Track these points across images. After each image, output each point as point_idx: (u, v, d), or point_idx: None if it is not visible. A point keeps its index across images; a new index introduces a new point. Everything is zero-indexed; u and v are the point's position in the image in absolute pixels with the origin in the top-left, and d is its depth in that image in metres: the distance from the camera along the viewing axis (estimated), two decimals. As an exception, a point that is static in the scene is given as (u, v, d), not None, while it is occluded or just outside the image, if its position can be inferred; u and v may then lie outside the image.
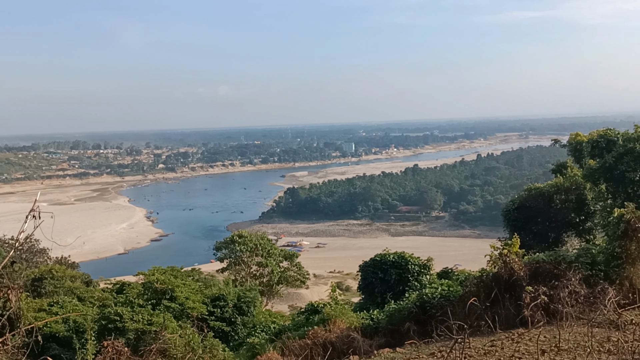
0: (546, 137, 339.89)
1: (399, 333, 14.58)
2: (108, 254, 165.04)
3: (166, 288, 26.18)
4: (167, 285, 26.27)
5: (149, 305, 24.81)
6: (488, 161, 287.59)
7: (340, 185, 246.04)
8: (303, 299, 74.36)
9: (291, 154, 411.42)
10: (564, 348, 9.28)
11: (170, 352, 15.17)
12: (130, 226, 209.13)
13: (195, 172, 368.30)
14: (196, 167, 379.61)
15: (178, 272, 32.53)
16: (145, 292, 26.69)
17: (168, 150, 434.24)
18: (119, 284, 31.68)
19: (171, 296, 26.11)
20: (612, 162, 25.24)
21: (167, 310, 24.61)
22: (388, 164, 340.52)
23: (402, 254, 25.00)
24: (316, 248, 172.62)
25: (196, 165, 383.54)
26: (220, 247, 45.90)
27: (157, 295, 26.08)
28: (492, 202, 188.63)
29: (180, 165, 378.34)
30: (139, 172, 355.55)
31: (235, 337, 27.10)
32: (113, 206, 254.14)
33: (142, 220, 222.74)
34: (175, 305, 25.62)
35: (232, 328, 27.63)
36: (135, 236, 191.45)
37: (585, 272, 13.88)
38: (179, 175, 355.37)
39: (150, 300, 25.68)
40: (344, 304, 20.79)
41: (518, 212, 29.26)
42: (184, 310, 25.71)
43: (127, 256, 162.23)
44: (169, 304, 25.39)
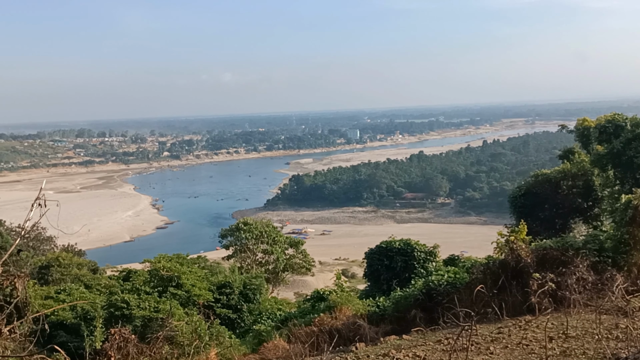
0: (553, 123, 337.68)
1: (405, 320, 14.58)
2: (114, 241, 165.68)
3: (172, 275, 26.17)
4: (173, 273, 26.25)
5: (155, 292, 24.79)
6: (494, 147, 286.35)
7: (345, 172, 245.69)
8: (309, 286, 74.50)
9: (296, 141, 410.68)
10: (571, 335, 9.24)
11: (176, 339, 15.21)
12: (136, 214, 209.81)
13: (200, 159, 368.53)
14: (201, 154, 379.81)
15: (184, 260, 32.50)
16: (152, 279, 26.70)
17: (173, 138, 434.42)
18: (125, 271, 31.73)
19: (177, 283, 26.11)
20: (620, 148, 25.09)
21: (174, 297, 24.61)
22: (393, 151, 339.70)
23: (407, 241, 24.96)
24: (321, 235, 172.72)
25: (201, 152, 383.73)
26: (225, 234, 45.92)
27: (164, 282, 26.08)
28: (498, 188, 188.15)
29: (185, 152, 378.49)
30: (144, 160, 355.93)
31: (241, 324, 27.18)
32: (119, 194, 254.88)
33: (148, 208, 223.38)
34: (181, 293, 25.64)
35: (238, 315, 27.70)
36: (141, 224, 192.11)
37: (593, 259, 13.81)
38: (183, 163, 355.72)
39: (156, 288, 25.67)
40: (349, 291, 20.80)
41: (524, 198, 29.17)
42: (190, 297, 25.72)
43: (133, 244, 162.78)
44: (175, 292, 25.39)
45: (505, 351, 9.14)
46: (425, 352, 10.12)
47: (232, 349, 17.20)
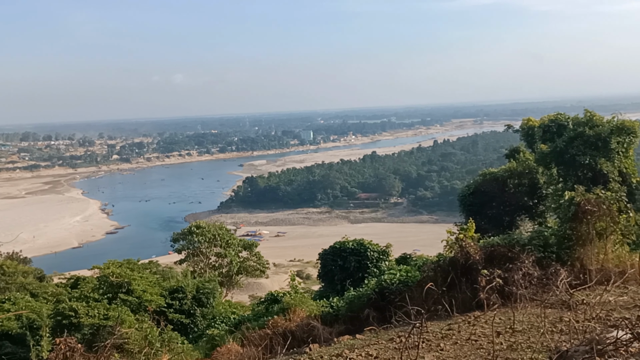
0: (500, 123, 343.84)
1: (359, 320, 14.66)
2: (62, 248, 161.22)
3: (122, 281, 25.73)
4: (124, 279, 25.82)
5: (105, 299, 24.37)
6: (444, 147, 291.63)
7: (299, 173, 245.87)
8: (263, 288, 74.16)
9: (249, 142, 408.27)
10: (518, 329, 9.47)
11: (126, 346, 14.90)
12: (84, 219, 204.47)
13: (151, 162, 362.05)
14: (152, 157, 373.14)
15: (135, 265, 32.04)
16: (101, 286, 26.18)
17: (122, 141, 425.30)
18: (73, 278, 31.02)
19: (128, 289, 25.69)
20: (562, 147, 25.84)
21: (124, 304, 24.21)
22: (346, 152, 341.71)
23: (361, 241, 25.16)
24: (276, 237, 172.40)
25: (152, 155, 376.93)
26: (177, 238, 45.30)
27: (113, 289, 25.62)
28: (449, 187, 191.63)
29: (136, 155, 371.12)
30: (93, 163, 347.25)
31: (194, 329, 26.90)
32: (66, 199, 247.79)
33: (97, 213, 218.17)
34: (132, 299, 25.23)
35: (191, 320, 27.42)
36: (89, 229, 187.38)
37: (538, 255, 14.19)
38: (134, 166, 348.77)
39: (106, 295, 25.21)
40: (303, 293, 20.78)
41: (473, 197, 29.72)
42: (141, 303, 25.34)
43: (82, 250, 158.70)
44: (125, 298, 24.98)
45: (455, 347, 9.30)
46: (377, 350, 10.20)
47: (184, 354, 16.97)
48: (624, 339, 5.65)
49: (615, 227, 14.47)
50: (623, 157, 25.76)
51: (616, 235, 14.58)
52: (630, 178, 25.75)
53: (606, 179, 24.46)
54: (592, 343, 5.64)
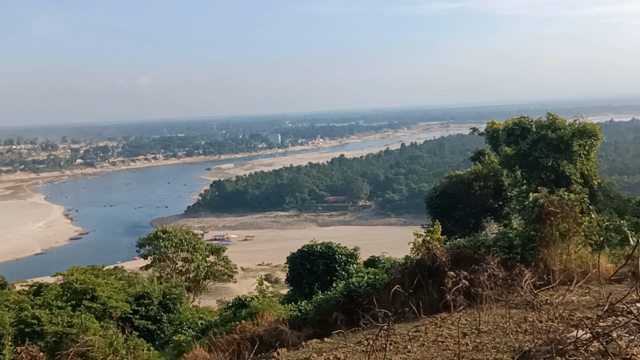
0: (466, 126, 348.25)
1: (327, 323, 14.63)
2: (24, 254, 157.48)
3: (87, 288, 25.28)
4: (88, 285, 25.37)
5: (68, 306, 23.92)
6: (412, 150, 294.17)
7: (267, 177, 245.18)
8: (231, 293, 73.59)
9: (216, 146, 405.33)
10: (483, 330, 9.56)
11: (91, 354, 14.58)
12: (47, 225, 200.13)
13: (116, 166, 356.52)
14: (117, 161, 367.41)
15: (99, 271, 31.51)
16: (65, 293, 25.68)
17: (86, 145, 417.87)
18: (36, 285, 30.38)
19: (92, 296, 25.26)
20: (526, 149, 26.33)
21: (88, 310, 23.76)
22: (315, 155, 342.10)
23: (329, 244, 25.17)
24: (244, 241, 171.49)
25: (117, 159, 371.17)
26: (143, 243, 44.64)
27: (78, 295, 25.16)
28: (417, 190, 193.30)
29: (100, 160, 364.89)
30: (56, 168, 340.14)
31: (161, 336, 26.57)
32: (28, 204, 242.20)
33: (60, 218, 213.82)
34: (96, 306, 24.79)
35: (157, 326, 27.07)
36: (53, 235, 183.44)
37: (503, 256, 14.39)
38: (98, 171, 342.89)
39: (70, 302, 24.75)
40: (272, 297, 20.69)
41: (440, 199, 30.03)
42: (106, 310, 24.91)
43: (45, 256, 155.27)
44: (90, 305, 24.54)
45: (422, 349, 9.34)
46: (345, 353, 10.19)
47: (150, 361, 16.71)
48: (584, 338, 5.75)
49: (578, 228, 14.75)
50: (585, 159, 26.35)
51: (579, 236, 14.85)
52: (592, 180, 26.36)
53: (569, 181, 24.99)
54: (553, 343, 5.72)
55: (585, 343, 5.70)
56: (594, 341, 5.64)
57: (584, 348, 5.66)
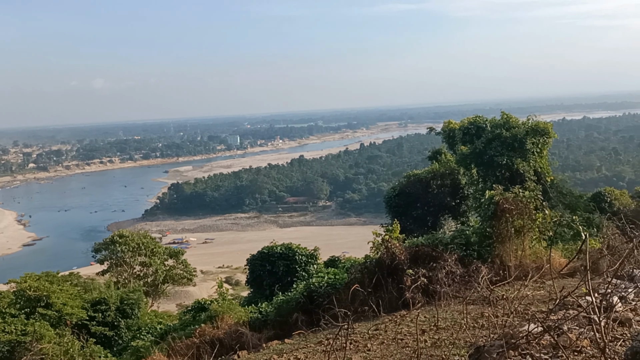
0: (423, 126, 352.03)
1: (288, 324, 14.59)
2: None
3: (41, 295, 24.62)
4: (42, 292, 24.71)
5: (22, 314, 23.26)
6: (371, 150, 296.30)
7: (226, 178, 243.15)
8: (191, 296, 72.67)
9: (174, 148, 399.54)
10: (442, 326, 9.68)
11: (45, 363, 14.19)
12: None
13: (70, 170, 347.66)
14: (71, 165, 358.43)
15: (54, 278, 30.63)
16: (18, 300, 24.94)
17: (39, 149, 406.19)
18: (-13, 294, 29.26)
19: (47, 303, 24.62)
20: (481, 148, 26.80)
21: (43, 318, 23.14)
22: (274, 156, 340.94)
23: (289, 245, 25.13)
24: (204, 244, 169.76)
25: (71, 163, 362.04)
26: (99, 248, 43.73)
27: (31, 303, 24.49)
28: (376, 189, 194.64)
29: (53, 163, 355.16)
30: (7, 172, 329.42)
31: (119, 342, 26.06)
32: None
33: (12, 224, 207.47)
34: (51, 313, 24.16)
35: (115, 332, 26.53)
36: (5, 241, 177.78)
37: (461, 253, 14.63)
38: (52, 175, 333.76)
39: (23, 309, 24.06)
40: (232, 299, 20.52)
41: (399, 198, 30.30)
42: (61, 317, 24.30)
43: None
44: (44, 312, 23.91)
45: (381, 347, 9.40)
46: (306, 354, 10.18)
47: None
48: (536, 332, 5.87)
49: (532, 225, 15.10)
50: (538, 157, 27.00)
51: (533, 232, 15.21)
52: (545, 177, 27.03)
53: (523, 179, 25.56)
54: (506, 337, 5.82)
55: (536, 336, 5.82)
56: (546, 334, 5.76)
57: (535, 341, 5.78)
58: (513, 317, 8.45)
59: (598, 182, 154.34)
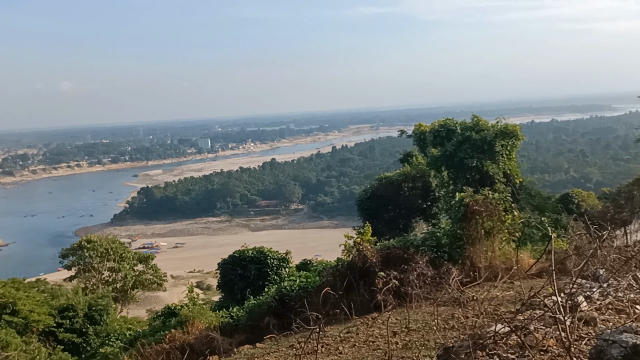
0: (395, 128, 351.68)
1: (259, 328, 14.51)
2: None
3: (6, 302, 24.09)
4: (8, 299, 24.18)
5: (-14, 322, 22.67)
6: (343, 153, 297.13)
7: (197, 182, 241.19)
8: (162, 302, 71.75)
9: (144, 152, 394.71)
10: (413, 328, 9.71)
11: (9, 372, 13.84)
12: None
13: (36, 175, 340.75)
14: (37, 169, 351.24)
15: (20, 284, 30.02)
16: (-18, 308, 24.31)
17: (4, 153, 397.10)
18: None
19: (13, 310, 24.11)
20: (452, 150, 27.08)
21: (9, 325, 22.68)
22: (246, 159, 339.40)
23: (261, 249, 25.02)
24: (174, 248, 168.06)
25: (37, 167, 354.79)
26: (67, 254, 42.94)
27: (-4, 310, 23.89)
28: (348, 192, 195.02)
29: (19, 168, 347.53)
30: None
31: (87, 348, 25.66)
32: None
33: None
34: (17, 320, 23.68)
35: (83, 339, 26.11)
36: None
37: (432, 255, 14.73)
38: (18, 180, 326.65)
39: (-12, 317, 23.46)
40: (202, 304, 20.29)
41: (370, 201, 30.43)
42: (28, 324, 23.82)
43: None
44: (10, 319, 23.41)
45: (353, 350, 9.39)
46: (277, 358, 10.13)
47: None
48: (503, 332, 5.93)
49: (502, 226, 15.30)
50: (507, 159, 27.39)
51: (503, 233, 15.41)
52: (514, 179, 27.42)
53: (492, 181, 25.90)
54: (474, 338, 5.86)
55: (504, 336, 5.87)
56: (513, 334, 5.82)
57: (503, 341, 5.84)
58: (482, 318, 8.54)
59: (566, 183, 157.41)
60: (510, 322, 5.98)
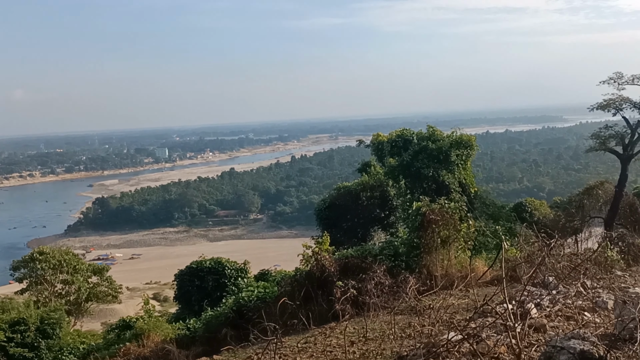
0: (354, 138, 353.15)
1: (217, 340, 14.36)
2: None
3: (-48, 317, 23.17)
4: (-46, 314, 23.26)
5: None
6: (302, 162, 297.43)
7: (154, 192, 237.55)
8: (117, 314, 70.14)
9: (99, 161, 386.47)
10: (370, 337, 9.76)
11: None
12: None
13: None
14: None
15: (-33, 299, 28.96)
16: None
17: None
18: None
19: (-41, 326, 23.18)
20: (409, 160, 27.43)
21: (-45, 341, 21.78)
22: (204, 169, 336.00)
23: (219, 259, 24.81)
24: (131, 259, 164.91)
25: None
26: (18, 266, 41.57)
27: (-58, 326, 22.97)
28: (307, 201, 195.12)
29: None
30: None
31: (39, 364, 24.81)
32: None
33: None
34: (-36, 336, 22.77)
35: (35, 354, 25.26)
36: None
37: (389, 264, 14.87)
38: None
39: None
40: (159, 316, 20.00)
41: (329, 210, 30.52)
42: (-25, 340, 22.94)
43: None
44: (-44, 335, 22.49)
45: (311, 360, 9.38)
46: (234, 370, 10.03)
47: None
48: (456, 340, 6.04)
49: (458, 235, 15.55)
50: (462, 169, 27.91)
51: (458, 242, 15.67)
52: (469, 188, 27.96)
53: (448, 190, 26.33)
54: (428, 346, 5.95)
55: (456, 344, 5.98)
56: (465, 342, 5.93)
57: (455, 349, 5.94)
58: (438, 326, 8.65)
59: (520, 192, 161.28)
60: (462, 330, 6.08)
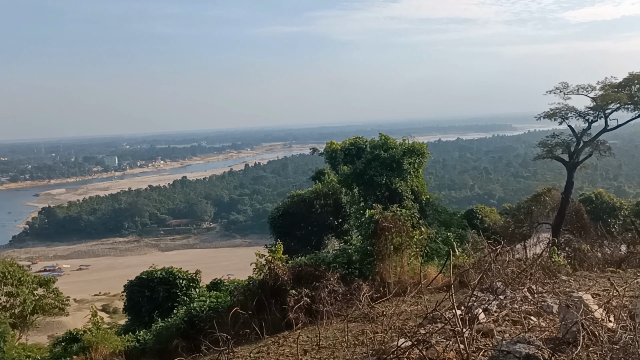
0: (308, 146, 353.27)
1: (168, 352, 14.10)
2: None
3: None
4: None
5: None
6: (256, 170, 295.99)
7: (103, 201, 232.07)
8: (64, 327, 67.97)
9: (45, 170, 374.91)
10: (323, 345, 9.74)
11: None
12: None
13: None
14: None
15: None
16: None
17: None
18: None
19: None
20: (362, 168, 27.66)
21: None
22: (155, 177, 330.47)
23: (170, 269, 24.42)
24: (78, 270, 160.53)
25: None
26: (-42, 279, 39.91)
27: None
28: (261, 210, 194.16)
29: None
30: None
31: (-19, 380, 23.89)
32: None
33: None
34: None
35: (-24, 370, 24.36)
36: None
37: (343, 271, 14.89)
38: None
39: None
40: (107, 328, 19.47)
41: (283, 218, 30.47)
42: None
43: None
44: None
45: (263, 370, 9.29)
46: (186, 382, 9.85)
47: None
48: (405, 346, 6.09)
49: (410, 242, 15.72)
50: (414, 177, 28.31)
51: (411, 249, 15.84)
52: (421, 195, 28.37)
53: (401, 197, 26.66)
54: (379, 353, 5.98)
55: (406, 350, 6.03)
56: (414, 348, 5.99)
57: (405, 355, 5.99)
58: (390, 333, 8.70)
59: (471, 200, 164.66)
60: (412, 336, 6.14)
